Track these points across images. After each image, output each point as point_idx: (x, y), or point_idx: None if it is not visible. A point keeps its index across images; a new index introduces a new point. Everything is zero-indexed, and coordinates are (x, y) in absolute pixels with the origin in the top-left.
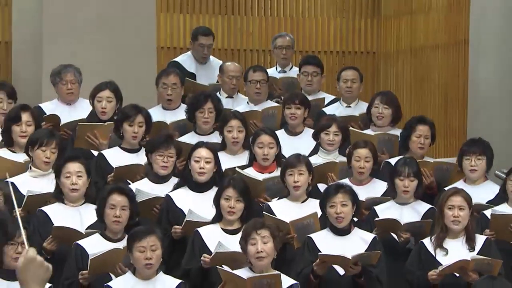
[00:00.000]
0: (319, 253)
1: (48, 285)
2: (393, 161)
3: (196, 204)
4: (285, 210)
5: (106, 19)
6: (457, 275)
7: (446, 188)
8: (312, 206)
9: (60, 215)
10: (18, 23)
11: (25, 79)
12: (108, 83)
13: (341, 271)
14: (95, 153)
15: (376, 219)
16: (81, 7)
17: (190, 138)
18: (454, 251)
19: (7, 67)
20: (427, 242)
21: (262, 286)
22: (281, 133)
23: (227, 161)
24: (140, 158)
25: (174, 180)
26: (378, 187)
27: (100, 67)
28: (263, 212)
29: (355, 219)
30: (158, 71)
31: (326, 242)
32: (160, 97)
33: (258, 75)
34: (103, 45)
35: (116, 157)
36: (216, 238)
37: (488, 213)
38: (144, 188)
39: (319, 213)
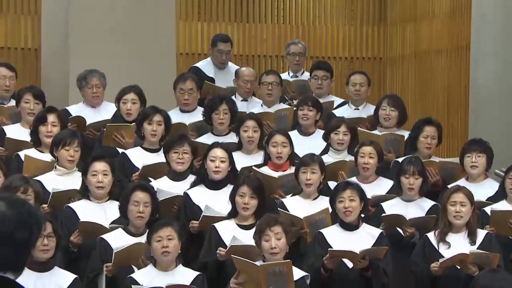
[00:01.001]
0: (329, 249)
1: (74, 276)
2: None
3: (211, 201)
4: (297, 206)
5: (128, 27)
6: (458, 267)
7: (449, 186)
8: (323, 203)
9: (86, 211)
10: (46, 31)
11: (53, 83)
12: (133, 86)
13: (349, 264)
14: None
15: (383, 214)
16: (105, 16)
17: (207, 139)
18: (457, 245)
19: (37, 72)
20: (431, 236)
21: (274, 273)
22: (294, 134)
23: (243, 160)
24: (160, 157)
25: (191, 178)
26: (383, 185)
27: (123, 72)
28: (278, 209)
29: (362, 215)
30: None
31: (335, 237)
32: (178, 100)
33: (270, 77)
34: (126, 51)
35: (138, 156)
36: (231, 233)
37: (488, 209)
38: (164, 185)
39: (330, 210)
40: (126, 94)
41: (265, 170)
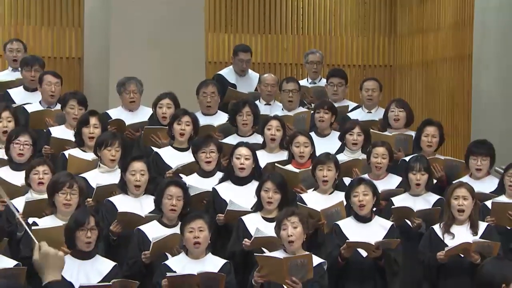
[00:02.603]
0: (347, 240)
1: (113, 263)
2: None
3: (237, 196)
4: (315, 200)
5: (163, 38)
6: (462, 255)
7: (453, 182)
8: (338, 197)
9: (124, 204)
10: (88, 42)
11: (94, 89)
12: (168, 93)
13: (364, 254)
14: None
15: (393, 207)
16: (142, 28)
17: (232, 140)
18: (460, 236)
19: (80, 79)
20: (436, 228)
21: (297, 264)
22: (311, 135)
23: (266, 158)
24: (190, 156)
25: (219, 175)
26: (393, 181)
27: (158, 79)
28: (298, 203)
29: (375, 209)
30: None
31: (351, 229)
32: (201, 104)
33: (290, 85)
34: (160, 60)
35: (169, 155)
36: (257, 225)
37: (488, 204)
38: (194, 181)
39: (345, 203)
40: (162, 99)
41: (288, 167)
